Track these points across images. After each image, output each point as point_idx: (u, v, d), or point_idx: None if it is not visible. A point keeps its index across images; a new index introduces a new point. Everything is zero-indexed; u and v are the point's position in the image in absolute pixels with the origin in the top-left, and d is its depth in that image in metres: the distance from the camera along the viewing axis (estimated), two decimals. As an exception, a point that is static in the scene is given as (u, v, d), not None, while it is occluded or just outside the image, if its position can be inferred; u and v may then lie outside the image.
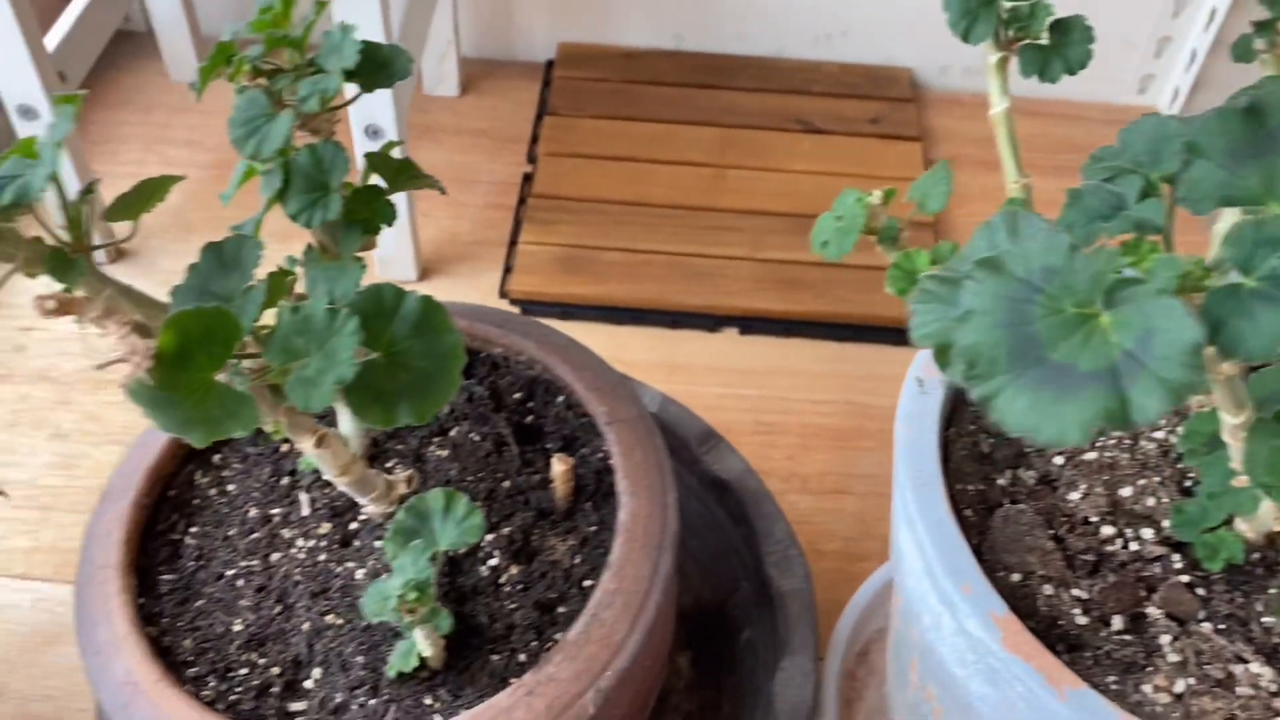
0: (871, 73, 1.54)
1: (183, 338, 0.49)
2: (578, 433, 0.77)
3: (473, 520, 0.63)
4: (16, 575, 1.00)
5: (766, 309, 1.24)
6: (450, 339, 0.57)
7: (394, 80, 0.62)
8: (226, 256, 0.56)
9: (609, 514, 0.73)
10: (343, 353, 0.52)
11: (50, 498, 1.06)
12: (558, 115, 1.46)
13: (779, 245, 1.30)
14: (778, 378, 1.20)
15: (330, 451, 0.62)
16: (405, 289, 0.57)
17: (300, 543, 0.71)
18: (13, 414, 1.12)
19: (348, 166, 0.65)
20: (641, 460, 0.71)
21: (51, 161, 0.48)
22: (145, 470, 0.71)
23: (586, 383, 0.76)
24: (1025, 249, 0.39)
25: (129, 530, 0.69)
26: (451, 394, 0.57)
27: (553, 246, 1.29)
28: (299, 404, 0.52)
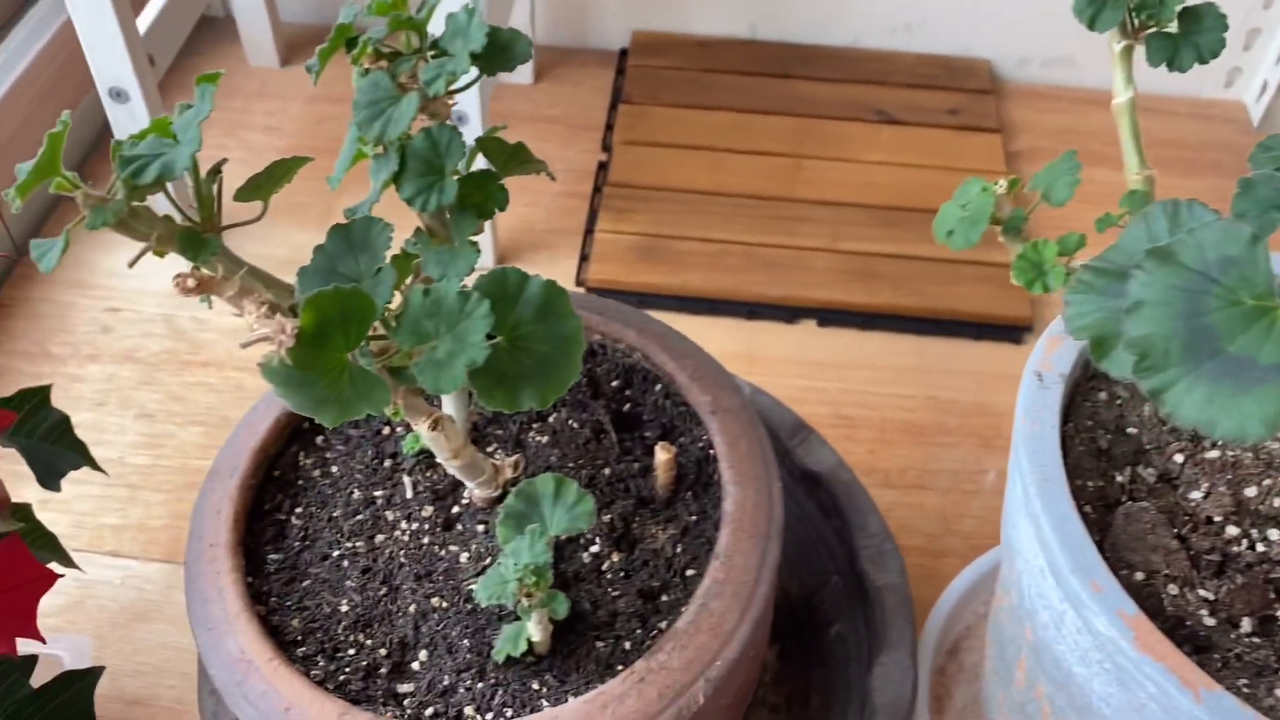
0: (949, 64, 1.52)
1: (321, 317, 0.49)
2: (676, 421, 0.77)
3: (584, 506, 0.62)
4: (107, 551, 1.01)
5: (845, 301, 1.23)
6: (572, 324, 0.57)
7: (514, 64, 0.62)
8: (355, 238, 0.56)
9: (709, 504, 0.72)
10: (473, 336, 0.52)
11: (138, 477, 1.07)
12: (632, 103, 1.45)
13: (858, 236, 1.29)
14: (856, 371, 1.19)
15: (444, 435, 0.63)
16: (529, 273, 0.57)
17: (404, 525, 0.72)
18: (101, 393, 1.13)
19: (464, 151, 0.65)
20: (746, 450, 0.70)
21: (195, 140, 0.48)
22: (251, 450, 0.72)
23: (688, 371, 0.75)
24: (1199, 239, 0.38)
25: (237, 509, 0.69)
26: (573, 379, 0.56)
27: (629, 235, 1.29)
28: (428, 386, 0.52)
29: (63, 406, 1.16)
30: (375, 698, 0.64)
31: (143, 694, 0.93)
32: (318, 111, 1.45)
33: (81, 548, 1.01)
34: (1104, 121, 1.48)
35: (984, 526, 1.06)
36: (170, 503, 1.05)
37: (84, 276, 1.24)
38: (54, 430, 0.81)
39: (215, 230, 0.55)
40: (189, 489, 1.06)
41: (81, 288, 1.23)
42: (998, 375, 1.19)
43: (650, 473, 0.74)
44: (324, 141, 1.40)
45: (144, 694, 0.93)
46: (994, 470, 1.11)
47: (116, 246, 1.27)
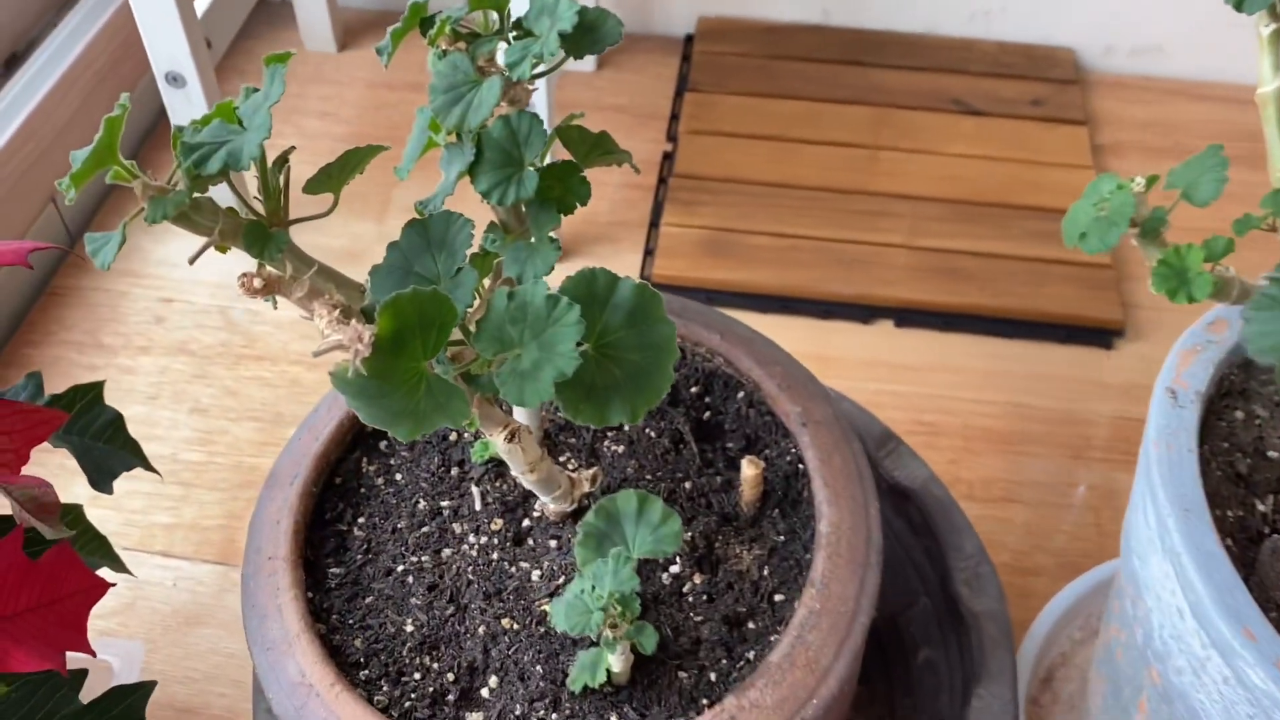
0: (1030, 52, 1.45)
1: (399, 323, 0.45)
2: (760, 432, 0.71)
3: (670, 527, 0.58)
4: (158, 552, 0.98)
5: (924, 300, 1.17)
6: (665, 330, 0.52)
7: (603, 45, 0.57)
8: (433, 235, 0.51)
9: (798, 523, 0.67)
10: (562, 344, 0.47)
11: (191, 474, 1.04)
12: (698, 91, 1.40)
13: (938, 232, 1.23)
14: (937, 374, 1.13)
15: (522, 447, 0.58)
16: (618, 274, 0.52)
17: (471, 539, 0.67)
18: (154, 386, 1.10)
19: (545, 139, 0.60)
20: (841, 466, 0.65)
21: (265, 126, 0.44)
22: (313, 456, 0.68)
23: (776, 379, 0.70)
24: None
25: (297, 520, 0.65)
26: (665, 390, 0.51)
27: (695, 229, 1.24)
28: (511, 398, 0.47)
29: (114, 400, 1.13)
30: (443, 727, 0.59)
31: (193, 702, 0.89)
32: (376, 97, 1.41)
33: (132, 547, 0.98)
34: (1197, 114, 1.41)
35: (1075, 544, 1.00)
36: (224, 501, 1.02)
37: (137, 266, 1.21)
38: (106, 429, 0.78)
39: (283, 224, 0.50)
40: (243, 487, 1.03)
41: (134, 277, 1.20)
42: (1086, 381, 1.13)
43: (734, 487, 0.69)
44: (382, 129, 1.37)
45: (195, 702, 0.89)
46: (1084, 484, 1.04)
47: (170, 235, 1.24)
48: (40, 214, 1.19)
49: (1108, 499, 1.03)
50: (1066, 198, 1.27)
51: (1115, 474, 1.05)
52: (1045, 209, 1.25)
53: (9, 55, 1.25)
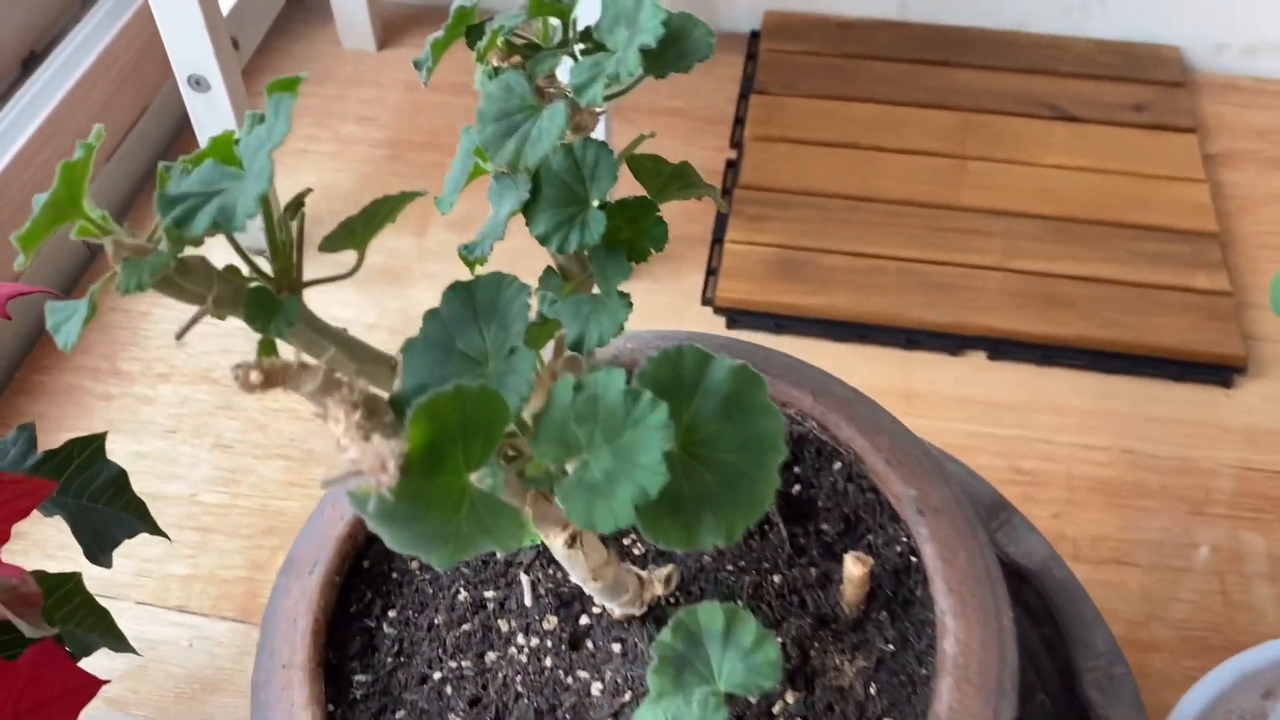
0: (1132, 51, 1.32)
1: (436, 431, 0.34)
2: (862, 512, 0.61)
3: (765, 654, 0.47)
4: (173, 607, 0.89)
5: (1021, 330, 1.05)
6: (769, 424, 0.41)
7: (690, 61, 0.46)
8: (480, 303, 0.41)
9: (910, 629, 0.56)
10: (645, 454, 0.36)
11: (211, 518, 0.95)
12: (765, 94, 1.29)
13: (1035, 254, 1.11)
14: (1036, 415, 1.01)
15: (584, 551, 0.48)
16: (710, 352, 0.41)
17: (521, 640, 0.57)
18: (173, 418, 1.01)
19: (616, 174, 0.50)
20: (968, 567, 0.54)
21: (265, 174, 0.34)
22: (337, 539, 0.58)
23: (883, 453, 0.59)
24: None
25: (318, 618, 0.55)
26: (769, 501, 0.41)
27: (764, 247, 1.12)
28: (578, 519, 0.37)
29: (131, 432, 1.05)
30: None
31: (209, 783, 0.80)
32: (417, 100, 1.31)
33: (145, 601, 0.89)
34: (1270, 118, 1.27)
35: (1199, 615, 0.88)
36: (246, 550, 0.92)
37: (160, 283, 1.12)
38: (108, 488, 0.69)
39: (294, 288, 0.40)
40: (267, 533, 0.94)
41: (155, 296, 1.10)
42: (1204, 425, 1.00)
43: (832, 582, 0.58)
44: (423, 134, 1.27)
45: (210, 783, 0.80)
46: (1206, 544, 0.92)
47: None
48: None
49: (1234, 562, 0.91)
50: (1177, 215, 1.15)
51: (1242, 533, 0.93)
52: (1154, 227, 1.13)
53: (27, 54, 1.16)
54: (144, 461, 0.98)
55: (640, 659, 0.56)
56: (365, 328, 1.07)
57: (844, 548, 0.60)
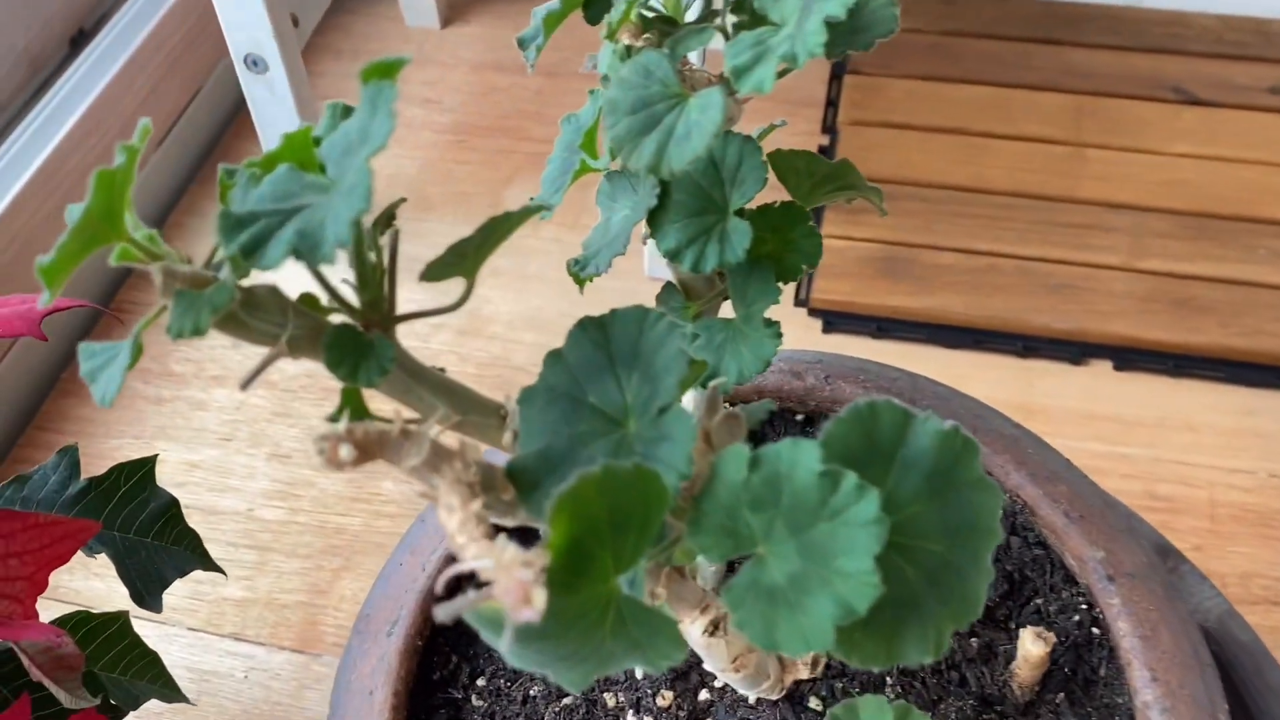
0: (1263, 28, 1.20)
1: (580, 529, 0.26)
2: (1029, 572, 0.52)
3: (950, 767, 0.38)
4: (228, 635, 0.82)
5: (1151, 338, 0.95)
6: (984, 503, 0.32)
7: (872, 38, 0.37)
8: (617, 343, 0.32)
9: (1094, 715, 0.47)
10: (851, 558, 0.28)
11: (268, 535, 0.87)
12: (860, 74, 1.19)
13: (1166, 252, 1.00)
14: (1171, 433, 0.91)
15: (727, 639, 0.39)
16: (909, 410, 0.32)
17: (630, 718, 0.49)
18: (229, 425, 0.94)
19: (765, 178, 0.41)
20: (1173, 648, 0.45)
21: (360, 190, 0.25)
22: (418, 595, 0.50)
23: (1061, 505, 0.50)
24: None
25: (398, 690, 0.47)
26: (983, 600, 0.32)
27: (863, 243, 1.03)
28: (756, 638, 0.29)
29: (183, 440, 0.98)
30: None
31: (266, 834, 0.73)
32: (485, 81, 1.23)
33: (198, 627, 0.82)
34: None
35: (1369, 667, 0.78)
36: (306, 572, 0.85)
37: (214, 277, 1.05)
38: (158, 519, 0.61)
39: (386, 324, 0.32)
40: (327, 554, 0.86)
41: (210, 292, 1.04)
42: (1363, 446, 0.90)
43: (995, 655, 0.49)
44: (490, 118, 1.18)
45: (268, 834, 0.73)
46: (1373, 583, 0.82)
47: (251, 241, 1.07)
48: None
49: (1404, 604, 0.81)
50: None
51: None
52: (1299, 223, 1.02)
53: (75, 31, 1.09)
54: (197, 472, 0.91)
55: (773, 746, 0.47)
56: (427, 328, 1.00)
57: (1008, 613, 0.51)
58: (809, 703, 0.48)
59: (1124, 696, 0.47)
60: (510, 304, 1.01)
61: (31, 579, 0.50)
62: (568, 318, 0.32)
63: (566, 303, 1.00)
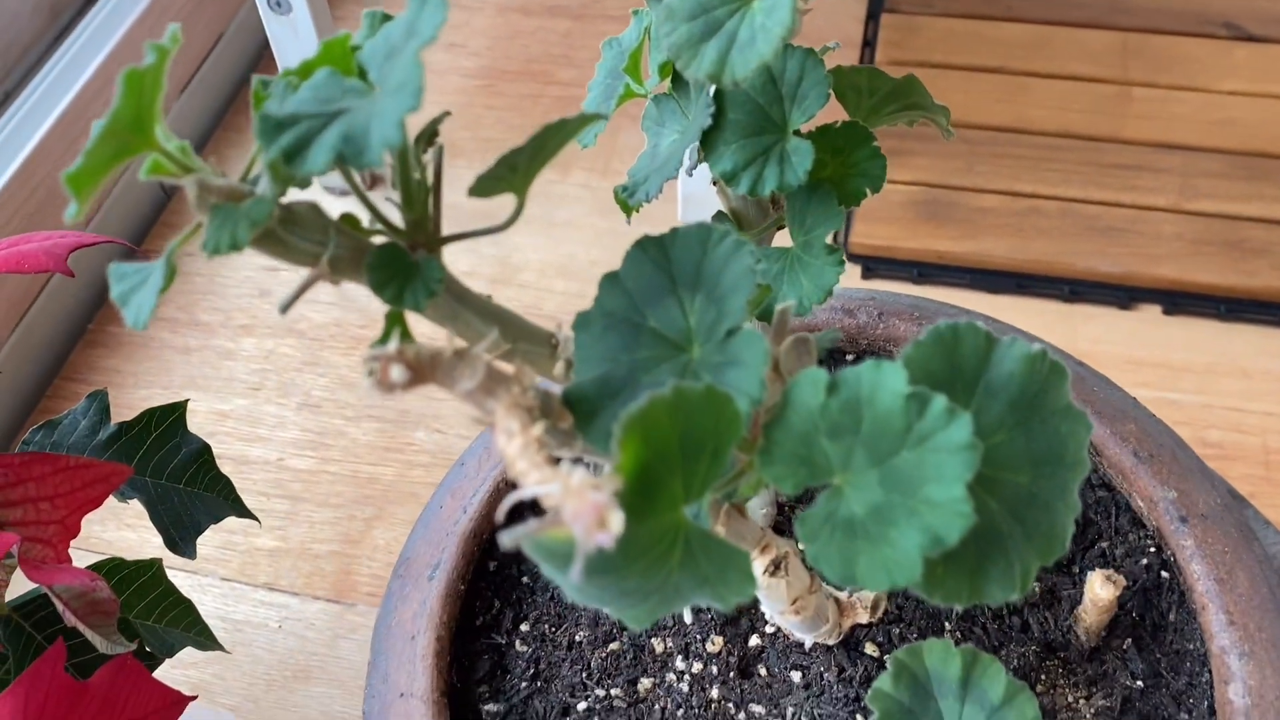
0: (1318, -41, 1.16)
1: (650, 454, 0.24)
2: (1095, 516, 0.49)
3: (1021, 714, 0.36)
4: (261, 585, 0.81)
5: (1202, 281, 0.92)
6: (1072, 432, 0.30)
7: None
8: (679, 263, 0.30)
9: (1164, 662, 0.45)
10: (940, 486, 0.26)
11: (300, 485, 0.86)
12: (898, 13, 1.15)
13: (1216, 193, 0.97)
14: (1222, 379, 0.89)
15: (787, 579, 0.37)
16: (993, 333, 0.30)
17: (680, 664, 0.47)
18: (258, 374, 0.93)
19: (827, 93, 0.39)
20: (1250, 592, 0.43)
21: (413, 89, 0.23)
22: (460, 537, 0.49)
23: (1130, 444, 0.48)
24: None
25: (441, 635, 0.46)
26: (1070, 534, 0.30)
27: (904, 185, 1.00)
28: (833, 573, 0.27)
29: (212, 390, 0.97)
30: None
31: (303, 782, 0.73)
32: (510, 24, 1.20)
33: (231, 577, 0.82)
34: None
35: None
36: (338, 521, 0.84)
37: (239, 226, 1.03)
38: (190, 465, 0.60)
39: (432, 244, 0.30)
40: (360, 503, 0.85)
41: (236, 240, 1.02)
42: None
43: (1059, 601, 0.47)
44: (518, 62, 1.16)
45: (305, 783, 0.73)
46: None
47: (277, 189, 1.06)
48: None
49: None
50: None
51: None
52: (1356, 162, 0.98)
53: (94, -23, 1.07)
54: (227, 422, 0.90)
55: (829, 694, 0.46)
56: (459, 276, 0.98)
57: (1071, 557, 0.49)
58: (865, 649, 0.46)
59: (1195, 642, 0.45)
60: (541, 252, 0.99)
61: (63, 523, 0.49)
62: (599, 266, 0.30)
63: (599, 250, 0.98)
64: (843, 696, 0.45)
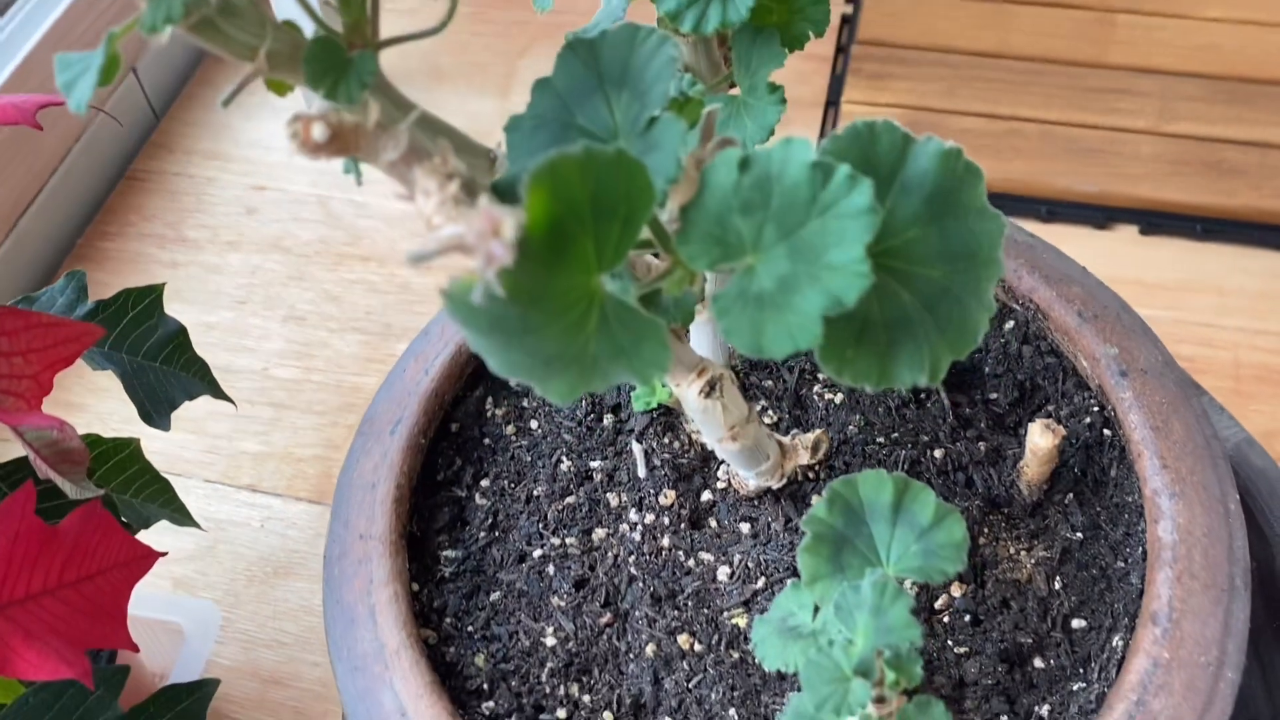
0: (1307, -110, 1.15)
1: (560, 208, 0.25)
2: (1040, 380, 0.51)
3: (949, 533, 0.38)
4: (244, 486, 0.83)
5: (1178, 201, 0.93)
6: (986, 229, 0.31)
7: None
8: (607, 64, 0.31)
9: (1104, 515, 0.47)
10: (840, 249, 0.27)
11: (284, 394, 0.88)
12: (884, -57, 1.15)
13: (1195, 116, 0.98)
14: (1196, 296, 0.90)
15: (723, 402, 0.39)
16: (910, 132, 0.31)
17: (633, 516, 0.49)
18: (243, 289, 0.94)
19: (773, -70, 0.40)
20: (1184, 438, 0.44)
21: None
22: (422, 396, 0.50)
23: (1075, 305, 0.49)
24: None
25: (401, 484, 0.48)
26: (983, 331, 0.31)
27: (886, 108, 1.01)
28: (740, 342, 0.28)
29: (198, 303, 0.98)
30: (597, 794, 0.42)
31: (282, 671, 0.74)
32: (498, -47, 1.21)
33: (215, 479, 0.83)
34: None
35: (1390, 521, 0.77)
36: (321, 427, 0.86)
37: (226, 148, 1.04)
38: (166, 345, 0.61)
39: (369, 44, 0.31)
40: (343, 410, 0.87)
41: (222, 160, 1.03)
42: (1393, 308, 0.88)
43: (1003, 458, 0.49)
44: (506, -11, 1.16)
45: (283, 671, 0.74)
46: (1398, 441, 0.81)
47: (264, 112, 1.07)
48: (119, 85, 1.03)
49: None
50: None
51: None
52: (1336, 87, 0.98)
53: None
54: (212, 333, 0.91)
55: (775, 541, 0.47)
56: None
57: (1017, 420, 0.50)
58: (811, 501, 0.48)
59: (1134, 495, 0.46)
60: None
61: (36, 379, 0.50)
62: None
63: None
64: (788, 543, 0.47)
